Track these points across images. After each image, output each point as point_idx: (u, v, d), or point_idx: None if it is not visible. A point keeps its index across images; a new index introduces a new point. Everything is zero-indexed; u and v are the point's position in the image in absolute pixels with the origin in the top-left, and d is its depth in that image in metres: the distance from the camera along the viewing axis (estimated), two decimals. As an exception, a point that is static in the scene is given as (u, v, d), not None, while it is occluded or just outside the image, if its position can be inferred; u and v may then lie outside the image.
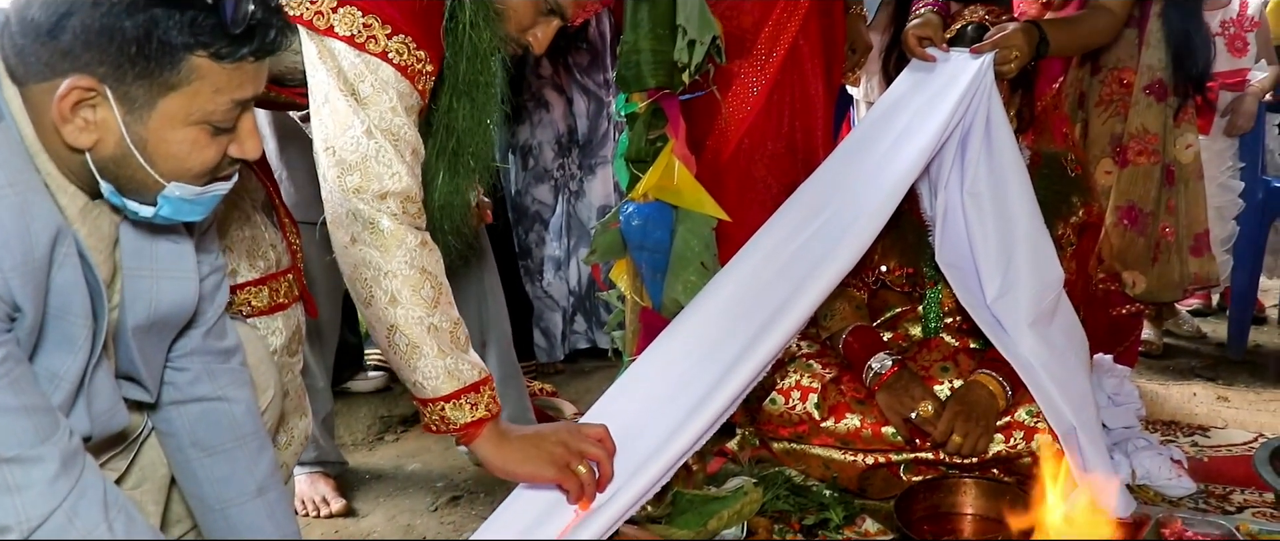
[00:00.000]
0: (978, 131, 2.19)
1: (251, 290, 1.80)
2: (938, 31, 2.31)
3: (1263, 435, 2.72)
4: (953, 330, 2.32)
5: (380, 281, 1.61)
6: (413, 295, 1.62)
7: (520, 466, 1.70)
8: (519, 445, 1.70)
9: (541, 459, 1.69)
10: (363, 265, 1.62)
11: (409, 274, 1.61)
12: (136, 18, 1.21)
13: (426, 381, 1.64)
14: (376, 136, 1.59)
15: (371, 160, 1.59)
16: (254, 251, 1.81)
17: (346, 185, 1.60)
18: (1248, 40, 3.51)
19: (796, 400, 2.19)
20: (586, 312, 3.50)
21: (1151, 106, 2.72)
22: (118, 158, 1.28)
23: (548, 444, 1.71)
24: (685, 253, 2.20)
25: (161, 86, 1.25)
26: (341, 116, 1.59)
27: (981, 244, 2.17)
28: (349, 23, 1.59)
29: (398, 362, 1.66)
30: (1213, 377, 3.43)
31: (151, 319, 1.45)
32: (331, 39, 1.59)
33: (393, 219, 1.61)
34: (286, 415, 1.89)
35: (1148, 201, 2.75)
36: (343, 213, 1.61)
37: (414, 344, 1.62)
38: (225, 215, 1.77)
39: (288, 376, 1.87)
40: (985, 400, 2.11)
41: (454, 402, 1.66)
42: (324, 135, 1.61)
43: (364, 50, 1.58)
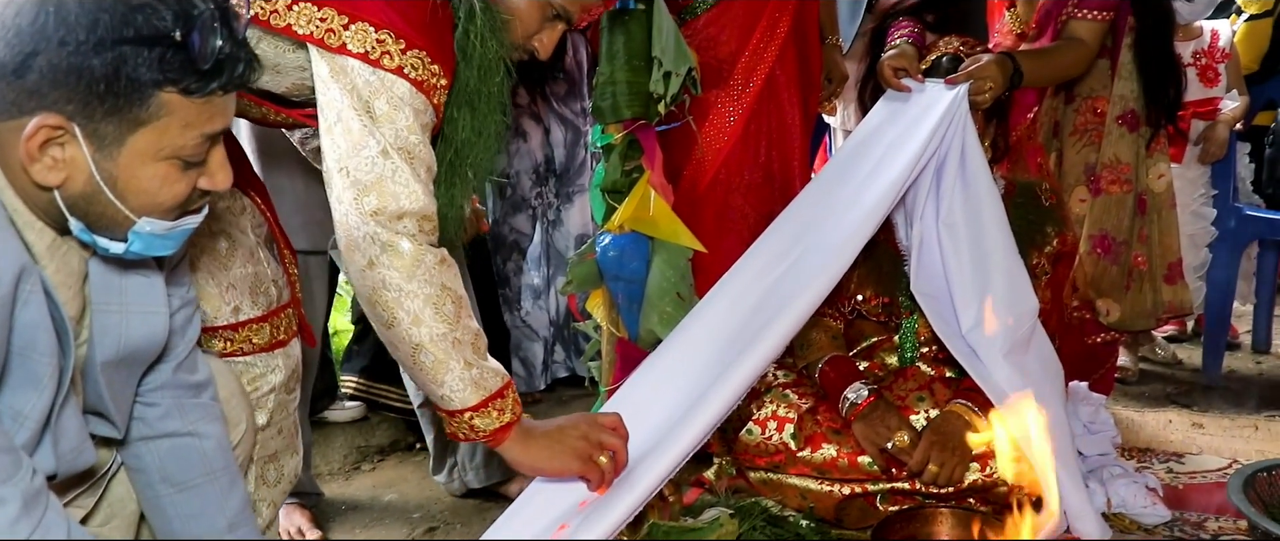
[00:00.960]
0: (952, 162, 2.21)
1: (253, 327, 1.79)
2: (913, 62, 2.33)
3: (1237, 461, 2.73)
4: (929, 359, 2.32)
5: (402, 302, 1.59)
6: (435, 314, 1.60)
7: (547, 463, 1.74)
8: (543, 442, 1.72)
9: (567, 453, 1.73)
10: (383, 287, 1.59)
11: (430, 292, 1.60)
12: (105, 55, 1.20)
13: (453, 395, 1.64)
14: (392, 156, 1.57)
15: (388, 180, 1.57)
16: (257, 289, 1.80)
17: (364, 207, 1.57)
18: (1219, 71, 3.55)
19: (773, 430, 2.19)
20: (566, 342, 3.49)
21: (1124, 136, 2.75)
22: (87, 194, 1.28)
23: (570, 438, 1.74)
24: (661, 283, 2.20)
25: (131, 123, 1.25)
26: (355, 136, 1.56)
27: (956, 273, 2.18)
28: (361, 40, 1.56)
29: (422, 379, 1.66)
30: (1188, 404, 3.45)
31: (120, 354, 1.44)
32: (344, 56, 1.56)
33: (412, 240, 1.59)
34: (278, 453, 1.87)
35: (1121, 230, 2.77)
36: (360, 236, 1.58)
37: (439, 361, 1.62)
38: (228, 253, 1.77)
39: (282, 415, 1.85)
40: (961, 430, 2.11)
41: (481, 412, 1.66)
42: (337, 156, 1.58)
43: (379, 66, 1.55)
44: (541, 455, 1.73)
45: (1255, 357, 3.99)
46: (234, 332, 1.76)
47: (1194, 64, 3.52)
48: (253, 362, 1.79)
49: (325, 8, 1.55)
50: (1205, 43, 3.53)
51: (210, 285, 1.74)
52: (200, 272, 1.72)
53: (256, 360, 1.79)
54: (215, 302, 1.74)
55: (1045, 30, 2.61)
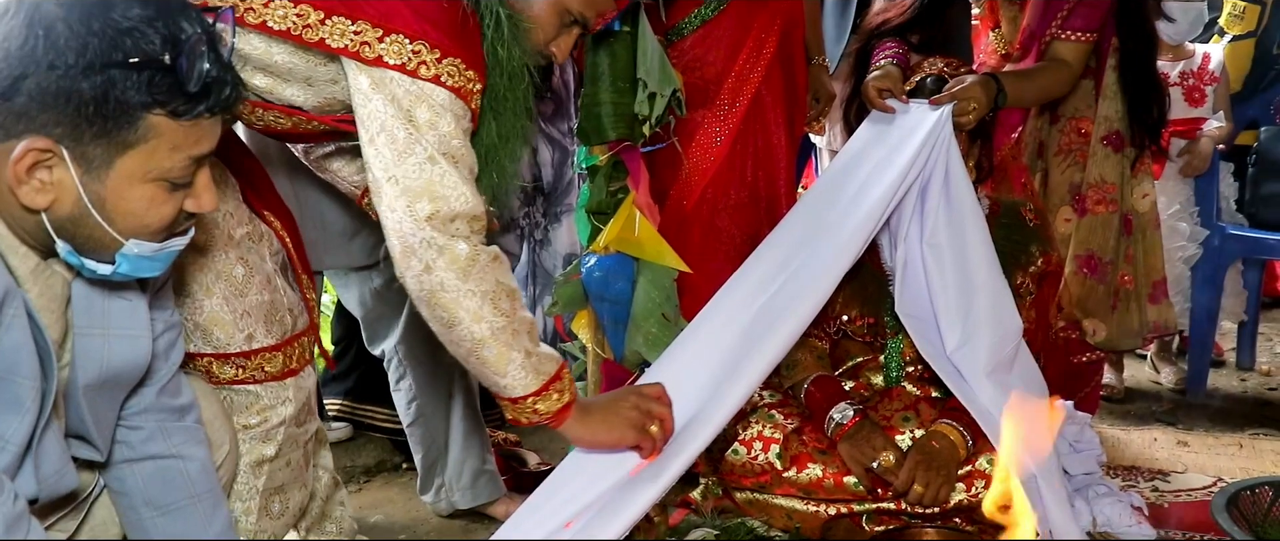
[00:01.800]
0: (937, 182, 2.22)
1: (266, 355, 1.80)
2: (897, 83, 2.34)
3: (1221, 479, 2.74)
4: (914, 379, 2.33)
5: (461, 302, 1.63)
6: (494, 310, 1.65)
7: (606, 436, 1.81)
8: (599, 417, 1.80)
9: (623, 424, 1.80)
10: (441, 290, 1.63)
11: (487, 289, 1.64)
12: (94, 79, 1.22)
13: (516, 383, 1.69)
14: (439, 161, 1.60)
15: (437, 185, 1.60)
16: (272, 317, 1.81)
17: (418, 213, 1.60)
18: (1206, 93, 3.58)
19: (759, 450, 2.19)
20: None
21: (1109, 156, 2.76)
22: (75, 217, 1.29)
23: (623, 410, 1.81)
24: (646, 304, 2.20)
25: (119, 145, 1.26)
26: (401, 144, 1.59)
27: (941, 294, 2.19)
28: (398, 51, 1.59)
29: (485, 372, 1.70)
30: (1173, 422, 3.46)
31: (103, 378, 1.44)
32: (382, 68, 1.59)
33: (466, 241, 1.63)
34: (285, 485, 1.88)
35: (1107, 250, 2.79)
36: (416, 241, 1.61)
37: (501, 353, 1.67)
38: (246, 280, 1.78)
39: (291, 447, 1.86)
40: (946, 449, 2.11)
41: (542, 396, 1.71)
42: (384, 166, 1.60)
43: (416, 76, 1.59)
44: (599, 429, 1.79)
45: (1240, 374, 4.01)
46: (247, 360, 1.77)
47: (1181, 84, 3.54)
48: (261, 393, 1.80)
49: (359, 21, 1.58)
50: (1195, 64, 3.56)
51: (225, 311, 1.75)
52: (215, 298, 1.74)
53: (264, 391, 1.80)
54: (229, 329, 1.75)
55: (1029, 51, 2.62)
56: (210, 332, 1.75)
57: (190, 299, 1.74)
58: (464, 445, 2.54)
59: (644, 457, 1.84)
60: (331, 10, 1.58)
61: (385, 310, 2.52)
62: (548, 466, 2.78)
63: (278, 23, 1.59)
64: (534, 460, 2.91)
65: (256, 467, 1.82)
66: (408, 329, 2.50)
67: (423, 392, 2.54)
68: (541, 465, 2.86)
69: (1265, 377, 3.97)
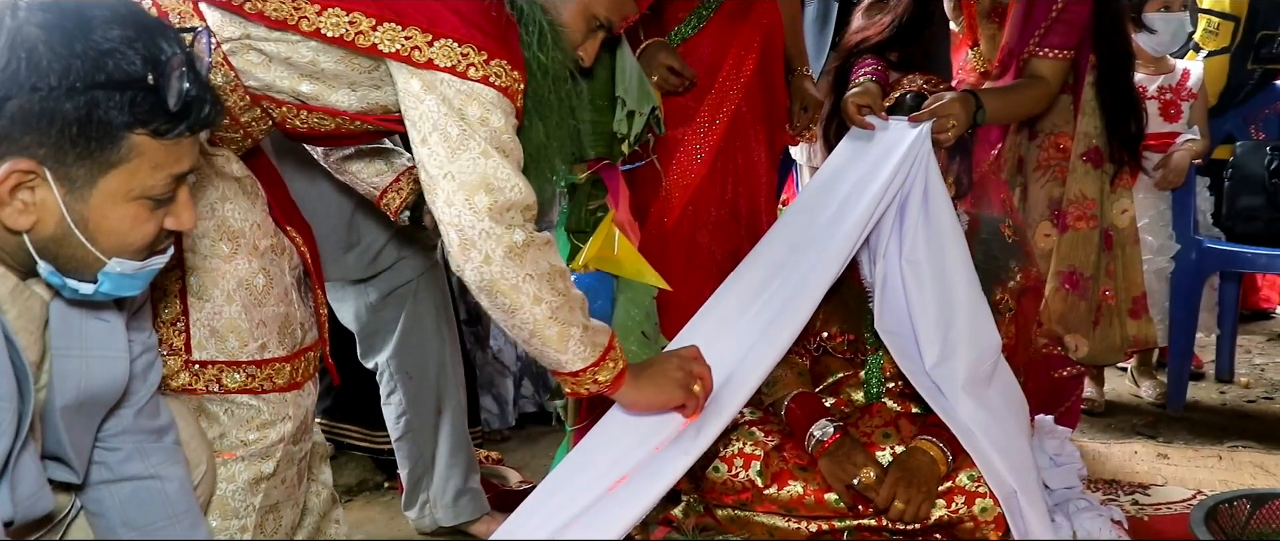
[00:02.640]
0: (916, 199, 2.23)
1: (276, 366, 1.83)
2: (877, 100, 2.35)
3: (1201, 492, 2.75)
4: (894, 395, 2.33)
5: (521, 287, 1.70)
6: (552, 291, 1.73)
7: (656, 398, 1.91)
8: (649, 380, 1.89)
9: (671, 385, 1.90)
10: (502, 279, 1.69)
11: (544, 271, 1.73)
12: (77, 99, 1.23)
13: (577, 357, 1.78)
14: (493, 155, 1.67)
15: (492, 177, 1.67)
16: (285, 329, 1.84)
17: (477, 206, 1.66)
18: (1182, 108, 3.60)
19: (739, 467, 2.19)
20: (534, 376, 3.49)
21: (1089, 173, 2.79)
22: (58, 237, 1.30)
23: (670, 371, 1.91)
24: (626, 322, 2.20)
25: (102, 165, 1.27)
26: (454, 141, 1.66)
27: (920, 311, 2.20)
28: (447, 54, 1.65)
29: (545, 352, 1.78)
30: (1153, 435, 3.47)
31: (80, 399, 1.44)
32: (433, 71, 1.65)
33: (522, 229, 1.70)
34: (279, 504, 1.88)
35: (1088, 266, 2.81)
36: (476, 233, 1.67)
37: (562, 331, 1.75)
38: (265, 290, 1.81)
39: (287, 466, 1.87)
40: (926, 466, 2.12)
41: (601, 366, 1.81)
42: (438, 163, 1.67)
43: (466, 77, 1.65)
44: (650, 392, 1.89)
45: (1219, 387, 4.03)
46: (257, 369, 1.80)
47: (1157, 98, 3.57)
48: (262, 408, 1.81)
49: (409, 27, 1.64)
50: (1174, 79, 3.59)
51: (242, 320, 1.78)
52: (235, 306, 1.77)
53: (266, 406, 1.81)
54: (244, 337, 1.78)
55: (1007, 69, 2.64)
56: (225, 339, 1.78)
57: (210, 303, 1.76)
58: (450, 462, 2.55)
59: (687, 416, 1.93)
60: (382, 17, 1.64)
61: (380, 324, 2.53)
62: (529, 484, 2.77)
63: (331, 30, 1.65)
64: (515, 478, 2.90)
65: (253, 485, 1.82)
66: (400, 344, 2.51)
67: (412, 408, 2.54)
68: (523, 483, 2.86)
69: (1244, 390, 4.00)
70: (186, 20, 1.67)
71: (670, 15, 2.60)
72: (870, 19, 2.64)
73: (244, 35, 1.69)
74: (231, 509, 1.81)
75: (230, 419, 1.80)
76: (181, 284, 1.74)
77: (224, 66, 1.70)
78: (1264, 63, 3.79)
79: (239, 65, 1.72)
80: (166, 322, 1.74)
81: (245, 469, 1.81)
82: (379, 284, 2.49)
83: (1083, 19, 2.58)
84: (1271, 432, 3.52)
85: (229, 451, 1.80)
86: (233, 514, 1.81)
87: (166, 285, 1.72)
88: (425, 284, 2.52)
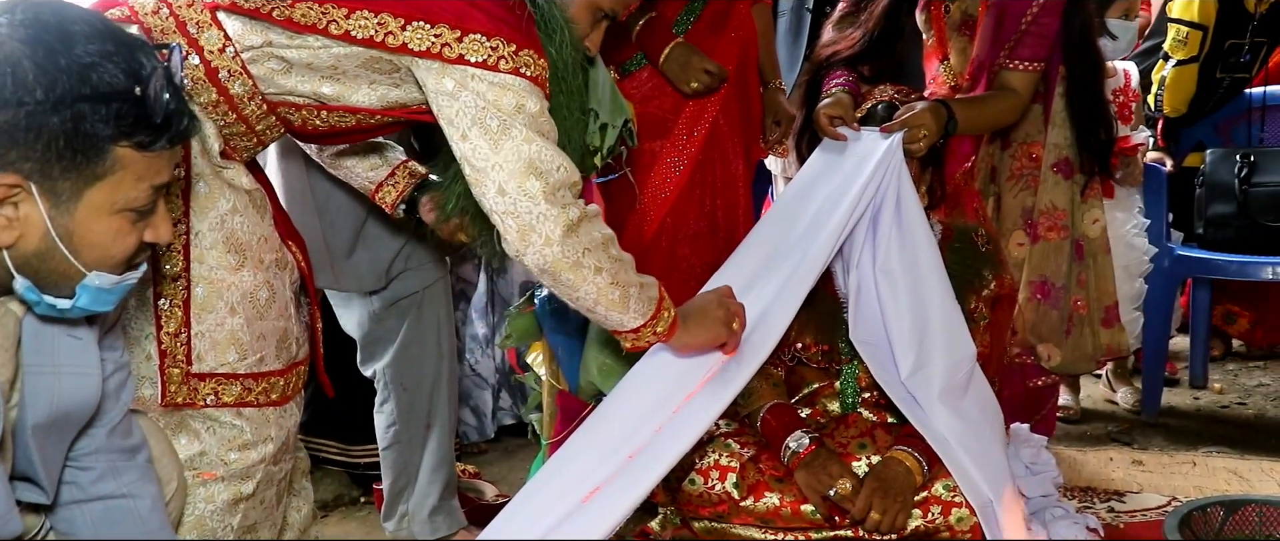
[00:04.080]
0: (888, 209, 2.23)
1: (271, 380, 1.83)
2: (848, 111, 2.36)
3: (1176, 498, 2.77)
4: (870, 405, 2.34)
5: (582, 263, 1.77)
6: (609, 259, 1.80)
7: (703, 338, 1.99)
8: (697, 322, 1.97)
9: (715, 325, 1.99)
10: (563, 258, 1.75)
11: (599, 240, 1.80)
12: (64, 113, 1.25)
13: (637, 314, 1.86)
14: (535, 139, 1.71)
15: (538, 161, 1.71)
16: (282, 343, 1.85)
17: (530, 191, 1.71)
18: (1131, 109, 3.64)
19: (715, 479, 2.18)
20: (512, 389, 3.48)
21: (1059, 183, 2.80)
22: (42, 252, 1.31)
23: (712, 312, 1.99)
24: (601, 335, 2.20)
25: (88, 178, 1.29)
26: (495, 133, 1.70)
27: (895, 320, 2.20)
28: (477, 49, 1.69)
29: (611, 315, 1.85)
30: (1128, 441, 3.50)
31: (52, 416, 1.43)
32: (465, 66, 1.69)
33: (575, 206, 1.76)
34: (257, 525, 1.88)
35: (1060, 276, 2.82)
36: (533, 218, 1.72)
37: (623, 294, 1.83)
38: (268, 303, 1.81)
39: (267, 487, 1.87)
40: (902, 476, 2.12)
41: (658, 317, 1.90)
42: (483, 156, 1.71)
43: (497, 70, 1.69)
44: (698, 333, 1.97)
45: (1193, 393, 4.06)
46: (254, 382, 1.81)
47: (1114, 101, 3.60)
48: (245, 427, 1.80)
49: (439, 25, 1.68)
50: (1120, 82, 3.62)
51: (244, 332, 1.78)
52: (238, 318, 1.77)
53: (247, 426, 1.80)
54: (244, 350, 1.79)
55: (978, 81, 2.65)
56: (226, 352, 1.78)
57: (213, 315, 1.76)
58: (432, 477, 2.55)
59: (727, 354, 2.02)
60: (411, 16, 1.68)
61: (382, 333, 2.54)
62: (505, 498, 2.76)
63: (360, 31, 1.69)
64: (492, 492, 2.90)
65: (232, 505, 1.82)
66: (399, 355, 2.52)
67: (402, 419, 2.55)
68: (499, 497, 2.85)
69: (1218, 395, 4.03)
70: (204, 29, 1.69)
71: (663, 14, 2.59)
72: (841, 33, 2.64)
73: (266, 42, 1.71)
74: (209, 528, 1.81)
75: (212, 437, 1.80)
76: (186, 295, 1.74)
77: (242, 75, 1.72)
78: (1233, 71, 3.82)
79: (258, 73, 1.73)
80: (170, 334, 1.74)
81: (225, 489, 1.81)
82: (384, 293, 2.51)
83: (1052, 31, 2.59)
84: (1244, 438, 3.56)
85: (209, 471, 1.79)
86: (211, 533, 1.81)
87: (171, 296, 1.72)
88: (430, 297, 2.53)
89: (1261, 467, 3.03)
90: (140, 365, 1.75)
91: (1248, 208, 3.66)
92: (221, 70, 1.71)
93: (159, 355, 1.74)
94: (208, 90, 1.72)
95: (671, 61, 2.55)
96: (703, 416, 2.01)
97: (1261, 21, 3.72)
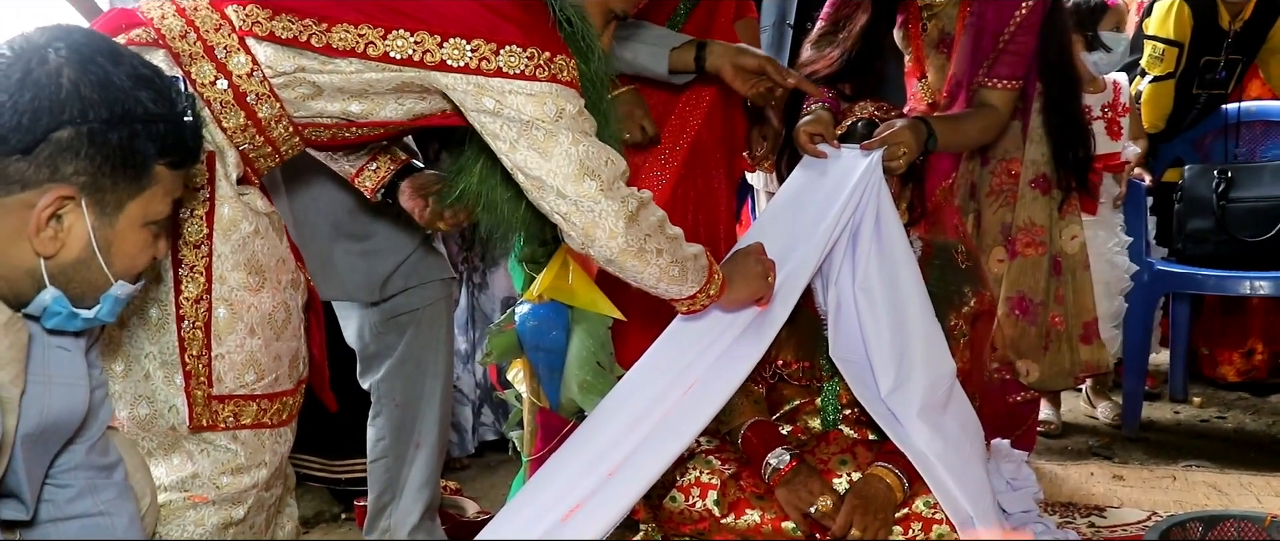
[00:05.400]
0: (868, 226, 2.24)
1: (283, 400, 1.84)
2: (828, 128, 2.36)
3: (1155, 513, 2.78)
4: (851, 422, 2.34)
5: (645, 248, 1.83)
6: (666, 239, 1.87)
7: (747, 293, 2.08)
8: (741, 279, 2.05)
9: (757, 280, 2.08)
10: (628, 247, 1.81)
11: (656, 223, 1.86)
12: (123, 131, 1.36)
13: (692, 283, 1.94)
14: (582, 141, 1.75)
15: (590, 160, 1.76)
16: (293, 363, 1.86)
17: (587, 191, 1.76)
18: (1122, 124, 3.66)
19: (696, 497, 2.18)
20: (493, 405, 3.47)
21: (1037, 199, 2.81)
22: (80, 261, 1.39)
23: (751, 266, 2.08)
24: (581, 352, 2.20)
25: (131, 192, 1.39)
26: (543, 143, 1.73)
27: (875, 337, 2.20)
28: (514, 62, 1.71)
29: (670, 290, 1.93)
30: (1109, 455, 3.52)
31: (41, 427, 1.44)
32: (503, 78, 1.71)
33: (632, 196, 1.82)
34: None
35: (1037, 291, 2.83)
36: (596, 215, 1.78)
37: (683, 267, 1.90)
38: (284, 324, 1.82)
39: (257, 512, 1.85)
40: (882, 493, 2.12)
41: (711, 280, 1.98)
42: (536, 166, 1.75)
43: (535, 79, 1.71)
44: (743, 290, 2.06)
45: (1173, 407, 4.09)
46: (269, 402, 1.81)
47: (1102, 118, 3.62)
48: (237, 452, 1.79)
49: (475, 39, 1.70)
50: (1110, 97, 3.64)
51: (263, 353, 1.79)
52: (257, 339, 1.78)
53: (242, 450, 1.79)
54: (262, 370, 1.79)
55: (955, 99, 2.65)
56: (244, 372, 1.77)
57: (234, 336, 1.76)
58: (417, 495, 2.54)
59: (762, 307, 2.11)
60: (447, 33, 1.70)
61: (380, 348, 2.54)
62: (487, 515, 2.76)
63: (398, 52, 1.70)
64: (473, 509, 2.89)
65: (221, 529, 1.80)
66: (394, 370, 2.52)
67: (392, 434, 2.55)
68: (481, 514, 2.84)
69: (1198, 409, 4.06)
70: (232, 53, 1.69)
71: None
72: (819, 52, 2.65)
73: (298, 68, 1.72)
74: None
75: (205, 459, 1.78)
76: (207, 317, 1.73)
77: (270, 98, 1.73)
78: (1208, 88, 3.86)
79: (287, 97, 1.74)
80: (193, 357, 1.74)
81: (215, 513, 1.79)
82: (384, 307, 2.50)
83: (1029, 49, 2.60)
84: (1224, 452, 3.58)
85: (200, 494, 1.78)
86: None
87: (192, 318, 1.72)
88: (430, 316, 2.53)
89: (1240, 481, 3.05)
90: (162, 389, 1.74)
91: (1225, 223, 3.70)
92: (249, 94, 1.72)
93: (184, 377, 1.73)
94: (236, 114, 1.73)
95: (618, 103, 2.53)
96: (684, 433, 2.01)
97: (1236, 38, 3.76)
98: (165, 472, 1.77)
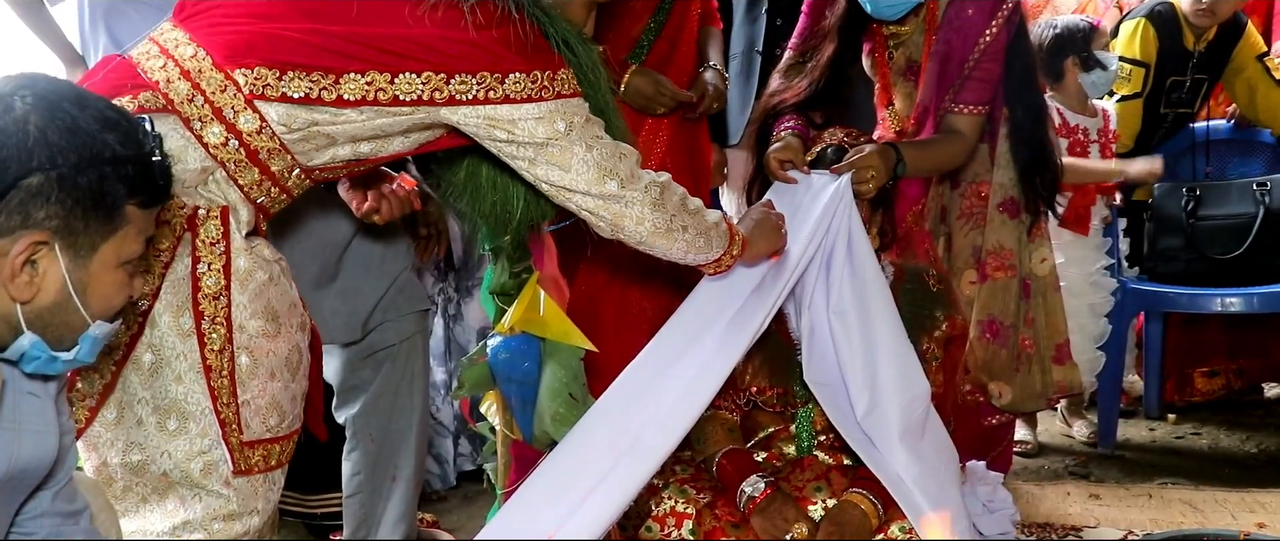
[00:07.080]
0: (840, 250, 2.25)
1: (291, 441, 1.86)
2: (798, 154, 2.38)
3: (1132, 532, 2.79)
4: (826, 447, 2.34)
5: (671, 226, 1.93)
6: (690, 215, 1.97)
7: (766, 247, 2.18)
8: (760, 234, 2.16)
9: (774, 233, 2.18)
10: (655, 229, 1.91)
11: (680, 203, 1.95)
12: (91, 175, 1.36)
13: (718, 250, 2.04)
14: (595, 145, 1.82)
15: (606, 161, 1.83)
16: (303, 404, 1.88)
17: (609, 190, 1.84)
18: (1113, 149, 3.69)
19: (672, 526, 2.17)
20: (471, 436, 3.46)
21: (1006, 223, 2.82)
22: (56, 305, 1.39)
23: (767, 223, 2.18)
24: (554, 384, 2.19)
25: (103, 234, 1.40)
26: (559, 157, 1.80)
27: (848, 361, 2.21)
28: (521, 87, 1.76)
29: (696, 259, 2.04)
30: (1085, 474, 3.53)
31: (10, 473, 1.43)
32: (511, 105, 1.76)
33: (652, 182, 1.89)
34: None
35: (1008, 314, 2.84)
36: (622, 206, 1.87)
37: (706, 238, 2.00)
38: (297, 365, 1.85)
39: None
40: (858, 519, 2.12)
41: (733, 243, 2.07)
42: (558, 179, 1.82)
43: (542, 101, 1.76)
44: (762, 243, 2.16)
45: (1149, 424, 4.11)
46: (287, 443, 1.84)
47: (1098, 140, 3.66)
48: (230, 498, 1.78)
49: (480, 72, 1.74)
50: (1101, 122, 3.68)
51: (283, 396, 1.82)
52: (277, 383, 1.80)
53: (234, 496, 1.78)
54: (283, 413, 1.82)
55: (923, 125, 2.68)
56: (268, 416, 1.79)
57: (257, 381, 1.78)
58: (392, 530, 2.56)
59: (774, 260, 2.21)
60: (452, 71, 1.73)
61: (357, 382, 2.55)
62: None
63: (407, 94, 1.73)
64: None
65: None
66: (370, 405, 2.54)
67: (367, 468, 2.55)
68: (457, 548, 2.83)
69: (1173, 426, 4.07)
70: (239, 112, 1.70)
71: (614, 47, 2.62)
72: (787, 82, 2.67)
73: (311, 124, 1.74)
74: None
75: (198, 505, 1.78)
76: (231, 366, 1.75)
77: (282, 152, 1.75)
78: (1176, 107, 3.90)
79: (300, 150, 1.76)
80: (224, 405, 1.75)
81: None
82: (361, 343, 2.52)
83: (995, 75, 2.62)
84: (1200, 469, 3.60)
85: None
86: None
87: (219, 368, 1.74)
88: (406, 351, 2.54)
89: (1216, 498, 3.07)
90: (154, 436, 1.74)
91: (1195, 240, 3.73)
92: (261, 151, 1.74)
93: (220, 425, 1.74)
94: (250, 171, 1.75)
95: (635, 91, 2.58)
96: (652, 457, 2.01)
97: (1201, 59, 3.79)
98: (159, 518, 1.77)
